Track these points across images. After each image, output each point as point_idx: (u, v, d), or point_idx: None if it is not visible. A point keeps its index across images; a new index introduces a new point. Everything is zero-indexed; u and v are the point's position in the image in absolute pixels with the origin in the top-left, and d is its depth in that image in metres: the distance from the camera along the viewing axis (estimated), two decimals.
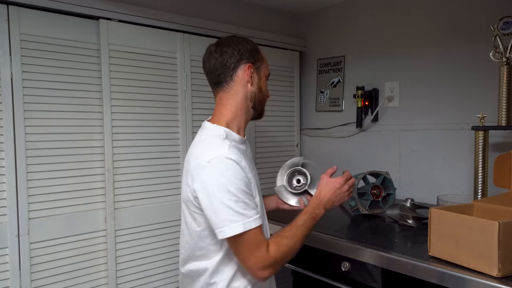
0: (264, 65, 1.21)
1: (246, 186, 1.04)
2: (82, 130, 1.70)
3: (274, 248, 1.04)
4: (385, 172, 1.69)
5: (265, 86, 1.22)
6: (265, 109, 1.26)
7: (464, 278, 1.06)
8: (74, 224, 1.67)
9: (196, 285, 1.14)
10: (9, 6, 1.51)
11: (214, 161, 1.02)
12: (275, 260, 1.04)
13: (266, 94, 1.24)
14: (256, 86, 1.18)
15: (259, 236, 1.03)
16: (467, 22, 1.82)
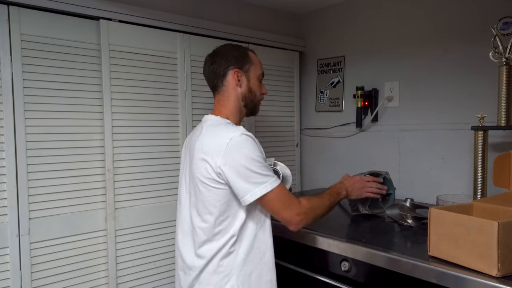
0: (254, 67, 1.35)
1: (263, 155, 1.22)
2: (82, 130, 1.70)
3: (305, 201, 1.23)
4: (384, 172, 1.70)
5: (256, 86, 1.36)
6: (259, 106, 1.41)
7: (464, 278, 1.06)
8: (74, 224, 1.67)
9: (209, 266, 1.23)
10: (10, 6, 1.52)
11: (235, 138, 1.17)
12: (306, 209, 1.22)
13: (259, 92, 1.38)
14: (246, 88, 1.34)
15: (285, 191, 1.21)
16: (467, 22, 1.82)
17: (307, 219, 1.23)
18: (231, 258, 1.23)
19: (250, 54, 1.37)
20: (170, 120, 1.94)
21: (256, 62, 1.37)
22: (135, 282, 1.82)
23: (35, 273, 1.58)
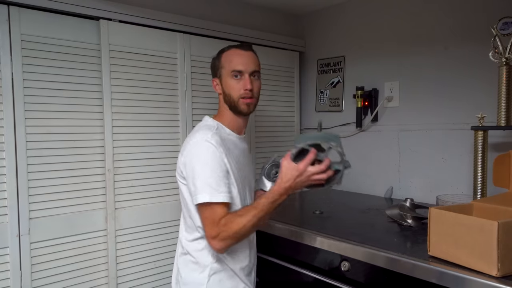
0: (224, 68, 1.34)
1: (220, 167, 1.22)
2: (82, 130, 1.70)
3: (223, 223, 1.17)
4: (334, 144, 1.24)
5: (229, 86, 1.33)
6: (244, 105, 1.33)
7: (464, 278, 1.06)
8: (74, 224, 1.67)
9: (186, 255, 1.33)
10: (10, 6, 1.52)
11: (198, 142, 1.24)
12: (223, 233, 1.17)
13: (235, 91, 1.32)
14: (223, 92, 1.35)
15: (220, 211, 1.18)
16: (467, 22, 1.82)
17: (223, 244, 1.18)
18: (203, 253, 1.28)
19: (222, 56, 1.35)
20: (170, 120, 1.94)
21: (227, 61, 1.33)
22: (135, 282, 1.82)
23: (35, 273, 1.58)
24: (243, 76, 1.31)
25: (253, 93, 1.33)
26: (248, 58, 1.33)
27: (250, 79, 1.31)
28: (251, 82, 1.31)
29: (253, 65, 1.33)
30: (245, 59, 1.33)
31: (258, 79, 1.36)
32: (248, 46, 1.38)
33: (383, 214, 1.68)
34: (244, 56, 1.33)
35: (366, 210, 1.86)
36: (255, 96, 1.35)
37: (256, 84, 1.34)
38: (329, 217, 1.74)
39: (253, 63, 1.34)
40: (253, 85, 1.32)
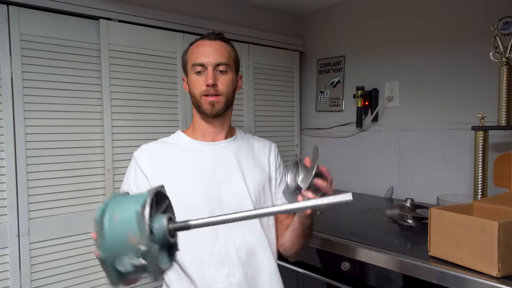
0: (188, 63, 1.15)
1: (132, 179, 1.12)
2: (82, 130, 1.70)
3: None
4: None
5: (191, 82, 1.14)
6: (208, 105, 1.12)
7: (464, 278, 1.06)
8: (74, 224, 1.67)
9: None
10: (9, 6, 1.51)
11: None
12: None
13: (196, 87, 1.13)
14: (189, 91, 1.18)
15: None
16: (467, 22, 1.82)
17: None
18: None
19: (189, 50, 1.17)
20: (170, 120, 1.93)
21: (190, 54, 1.15)
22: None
23: (35, 273, 1.57)
24: (206, 70, 1.11)
25: (217, 89, 1.11)
26: (212, 48, 1.12)
27: (213, 73, 1.10)
28: (215, 76, 1.10)
29: (218, 56, 1.11)
30: (209, 49, 1.12)
31: (226, 73, 1.13)
32: (216, 35, 1.16)
33: (384, 214, 1.67)
34: (207, 46, 1.12)
35: (366, 210, 1.85)
36: (221, 93, 1.12)
37: (222, 80, 1.12)
38: (329, 217, 1.74)
39: (219, 54, 1.12)
40: (217, 80, 1.11)
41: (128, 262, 0.61)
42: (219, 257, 1.08)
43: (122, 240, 0.62)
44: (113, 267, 0.62)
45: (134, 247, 0.61)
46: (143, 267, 0.62)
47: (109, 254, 0.63)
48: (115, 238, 0.62)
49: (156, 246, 0.63)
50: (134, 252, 0.61)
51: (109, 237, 0.62)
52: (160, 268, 0.64)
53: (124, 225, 0.62)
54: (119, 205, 0.65)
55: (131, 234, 0.61)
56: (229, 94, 1.14)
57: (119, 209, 0.64)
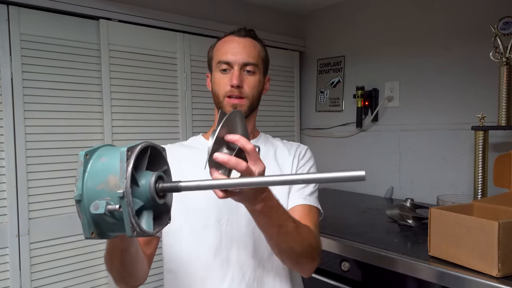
0: (213, 60, 1.06)
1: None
2: (82, 130, 1.70)
3: None
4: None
5: (216, 81, 1.04)
6: (227, 103, 1.02)
7: (464, 278, 1.06)
8: (74, 224, 1.67)
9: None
10: (9, 6, 1.51)
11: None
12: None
13: (220, 87, 1.03)
14: (212, 89, 1.08)
15: None
16: (467, 22, 1.82)
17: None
18: None
19: (216, 45, 1.08)
20: (170, 120, 1.93)
21: (217, 50, 1.06)
22: None
23: (35, 273, 1.57)
24: (232, 69, 1.01)
25: (242, 91, 1.01)
26: (241, 46, 1.02)
27: (239, 73, 1.00)
28: (241, 77, 1.00)
29: (247, 55, 1.01)
30: (237, 47, 1.02)
31: (253, 74, 1.03)
32: (246, 31, 1.05)
33: (384, 214, 1.67)
34: (235, 43, 1.02)
35: (366, 210, 1.85)
36: (245, 96, 1.02)
37: (248, 81, 1.02)
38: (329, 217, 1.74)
39: (247, 52, 1.02)
40: (243, 81, 1.01)
41: (103, 205, 0.56)
42: (220, 272, 0.97)
43: (101, 181, 0.58)
44: (87, 211, 0.58)
45: (111, 191, 0.57)
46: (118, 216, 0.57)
47: (86, 195, 0.59)
48: (95, 178, 0.59)
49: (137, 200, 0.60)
50: (109, 196, 0.57)
51: (89, 175, 0.59)
52: (138, 225, 0.58)
53: (107, 166, 0.59)
54: (109, 149, 0.63)
55: (112, 177, 0.58)
56: (254, 97, 1.04)
57: (108, 153, 0.62)
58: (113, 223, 0.58)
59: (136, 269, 0.91)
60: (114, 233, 0.62)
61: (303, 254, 0.90)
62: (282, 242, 0.86)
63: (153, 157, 0.64)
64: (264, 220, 0.81)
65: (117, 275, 0.92)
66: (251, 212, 0.80)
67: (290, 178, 0.62)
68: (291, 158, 1.08)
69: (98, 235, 0.61)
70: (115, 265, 0.87)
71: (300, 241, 0.88)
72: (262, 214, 0.79)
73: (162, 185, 0.62)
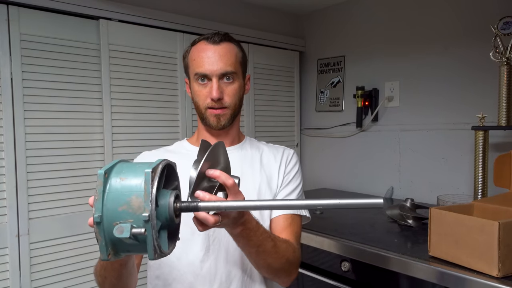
0: (190, 68, 1.03)
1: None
2: (82, 130, 1.69)
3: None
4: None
5: (195, 92, 1.01)
6: (213, 117, 1.00)
7: (464, 278, 1.06)
8: (74, 224, 1.67)
9: None
10: (9, 6, 1.51)
11: None
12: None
13: (201, 99, 1.00)
14: (192, 98, 1.05)
15: None
16: (467, 22, 1.82)
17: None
18: None
19: (190, 51, 1.04)
20: (170, 120, 1.93)
21: (191, 59, 1.01)
22: None
23: (35, 274, 1.57)
24: (210, 80, 0.98)
25: (223, 102, 0.98)
26: (216, 55, 0.97)
27: (218, 85, 0.97)
28: (220, 88, 0.97)
29: (224, 64, 0.97)
30: (212, 56, 0.97)
31: (233, 82, 1.00)
32: (221, 37, 1.01)
33: (384, 214, 1.67)
34: (210, 53, 0.98)
35: (366, 210, 1.85)
36: (227, 106, 0.99)
37: (228, 90, 0.99)
38: (329, 217, 1.74)
39: (224, 61, 0.98)
40: (223, 92, 0.98)
41: (127, 228, 0.54)
42: (207, 279, 0.97)
43: (124, 202, 0.56)
44: (106, 232, 0.56)
45: (134, 213, 0.56)
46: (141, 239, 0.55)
47: (106, 216, 0.56)
48: (116, 198, 0.56)
49: (157, 221, 0.57)
50: (133, 219, 0.55)
51: (109, 195, 0.57)
52: (159, 247, 0.57)
53: (129, 187, 0.57)
54: (128, 167, 0.60)
55: (135, 198, 0.56)
56: (236, 105, 1.02)
57: (127, 171, 0.59)
58: (133, 245, 0.57)
59: (130, 282, 0.91)
60: (129, 253, 0.61)
61: (280, 270, 0.93)
62: (260, 259, 0.88)
63: (167, 173, 0.64)
64: (243, 242, 0.83)
65: None
66: (231, 234, 0.82)
67: (303, 203, 0.64)
68: (278, 165, 1.08)
69: (113, 255, 0.59)
70: (108, 280, 0.85)
71: (278, 258, 0.90)
72: (241, 236, 0.81)
73: (181, 205, 0.62)
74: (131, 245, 0.57)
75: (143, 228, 0.55)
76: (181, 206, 0.62)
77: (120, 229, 0.55)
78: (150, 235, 0.55)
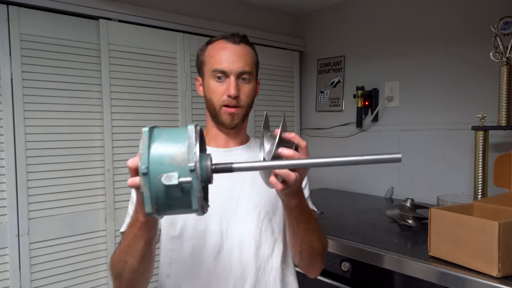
0: (206, 65, 1.03)
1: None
2: (82, 130, 1.70)
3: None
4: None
5: (209, 88, 1.02)
6: (227, 115, 1.01)
7: (464, 278, 1.06)
8: (74, 224, 1.67)
9: None
10: (9, 6, 1.51)
11: None
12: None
13: (216, 95, 1.01)
14: (205, 95, 1.05)
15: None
16: (467, 22, 1.82)
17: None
18: None
19: (207, 49, 1.04)
20: (170, 120, 1.93)
21: (209, 56, 1.02)
22: None
23: (35, 274, 1.57)
24: (228, 78, 0.99)
25: (239, 100, 1.00)
26: (236, 54, 1.00)
27: (236, 83, 0.98)
28: (237, 86, 0.99)
29: (243, 63, 0.99)
30: (231, 55, 0.99)
31: (249, 82, 1.01)
32: (240, 37, 1.03)
33: (384, 214, 1.67)
34: (230, 51, 1.00)
35: (367, 210, 1.85)
36: (242, 105, 1.01)
37: (244, 90, 1.01)
38: (329, 217, 1.74)
39: (243, 61, 1.00)
40: (239, 91, 0.99)
41: (175, 177, 0.58)
42: (221, 276, 0.96)
43: (169, 157, 0.60)
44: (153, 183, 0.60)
45: (179, 166, 0.59)
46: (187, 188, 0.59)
47: (152, 168, 0.60)
48: (162, 153, 0.61)
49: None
50: (179, 169, 0.59)
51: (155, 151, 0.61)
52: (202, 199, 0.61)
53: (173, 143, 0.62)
54: (166, 129, 0.65)
55: (178, 150, 0.60)
56: (249, 105, 1.04)
57: (168, 131, 0.64)
58: (176, 198, 0.60)
59: (149, 269, 0.93)
60: (171, 210, 0.63)
61: (318, 253, 0.97)
62: (306, 237, 0.91)
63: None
64: (296, 215, 0.87)
65: (130, 275, 0.88)
66: (287, 207, 0.86)
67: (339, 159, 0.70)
68: None
69: (156, 211, 0.61)
70: (129, 263, 0.85)
71: (319, 239, 0.94)
72: (297, 209, 0.85)
73: (216, 166, 0.65)
74: (174, 198, 0.60)
75: (189, 177, 0.58)
76: (216, 167, 0.65)
77: (168, 177, 0.58)
78: (195, 184, 0.59)
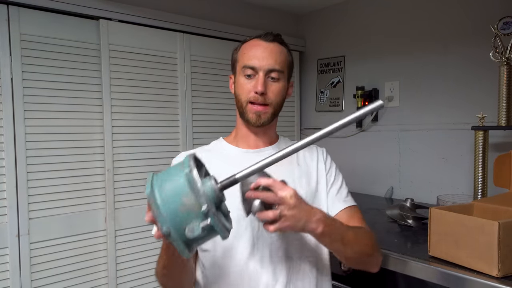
0: (238, 62, 1.04)
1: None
2: (82, 130, 1.70)
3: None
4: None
5: (239, 85, 1.02)
6: (252, 113, 1.02)
7: (464, 278, 1.06)
8: (74, 224, 1.67)
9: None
10: (9, 6, 1.51)
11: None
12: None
13: (244, 92, 1.01)
14: (234, 92, 1.06)
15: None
16: (467, 22, 1.82)
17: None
18: None
19: (241, 47, 1.05)
20: (170, 120, 1.93)
21: (242, 53, 1.03)
22: (135, 282, 1.82)
23: (35, 273, 1.57)
24: (257, 74, 0.99)
25: (266, 98, 1.00)
26: (267, 51, 1.00)
27: (264, 79, 0.98)
28: (265, 83, 0.99)
29: (273, 61, 0.99)
30: (262, 52, 0.99)
31: (278, 81, 1.01)
32: (273, 36, 1.03)
33: (384, 214, 1.67)
34: (261, 48, 1.00)
35: (367, 210, 1.85)
36: (269, 103, 1.01)
37: (273, 88, 1.00)
38: None
39: (274, 58, 0.99)
40: (267, 88, 0.99)
41: (197, 226, 0.62)
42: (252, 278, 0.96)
43: (180, 208, 0.63)
44: (180, 237, 0.63)
45: (194, 212, 0.63)
46: (210, 228, 0.63)
47: (172, 226, 0.63)
48: (173, 209, 0.63)
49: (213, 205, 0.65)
50: (196, 216, 0.63)
51: (165, 209, 0.63)
52: (225, 226, 0.65)
53: (177, 193, 0.64)
54: (165, 177, 0.66)
55: (187, 200, 0.63)
56: (278, 104, 1.04)
57: (166, 180, 0.65)
58: (203, 236, 0.64)
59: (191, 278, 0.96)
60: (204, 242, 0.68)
61: (367, 254, 0.98)
62: (348, 251, 0.92)
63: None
64: (328, 239, 0.89)
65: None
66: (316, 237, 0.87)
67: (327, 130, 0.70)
68: (315, 161, 1.12)
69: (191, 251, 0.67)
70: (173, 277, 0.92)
71: (362, 245, 0.95)
72: (325, 235, 0.86)
73: (222, 184, 0.68)
74: (202, 238, 0.65)
75: (207, 220, 0.62)
76: (222, 184, 0.68)
77: (191, 229, 0.63)
78: (215, 220, 0.63)
